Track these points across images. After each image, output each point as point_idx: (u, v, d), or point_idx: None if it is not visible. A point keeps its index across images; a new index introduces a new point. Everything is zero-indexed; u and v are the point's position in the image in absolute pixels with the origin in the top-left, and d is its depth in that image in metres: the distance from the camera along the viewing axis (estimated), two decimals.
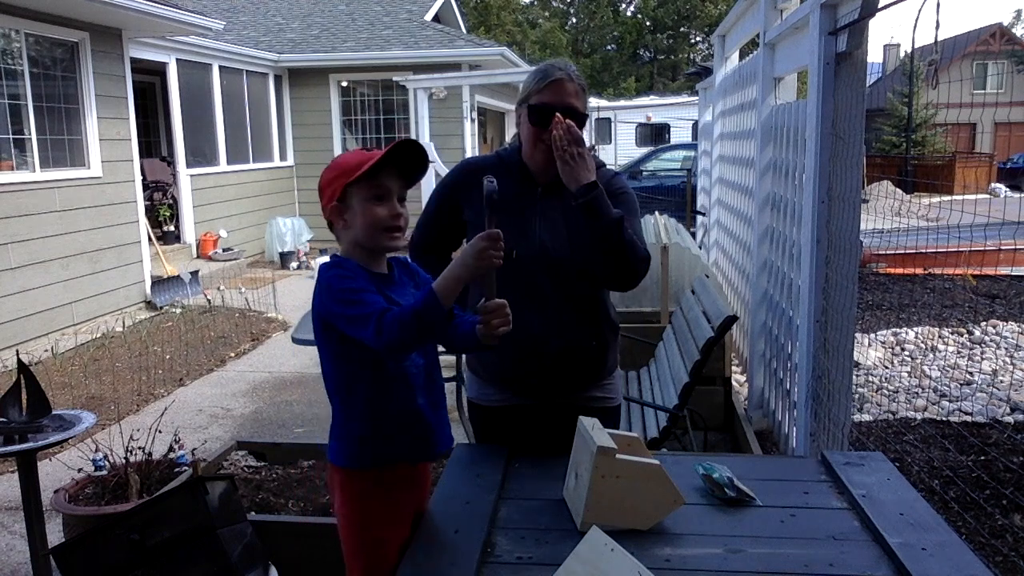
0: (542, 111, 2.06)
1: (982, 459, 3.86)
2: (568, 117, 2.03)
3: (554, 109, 2.04)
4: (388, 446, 1.79)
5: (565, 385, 2.18)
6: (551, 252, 2.10)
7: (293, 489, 3.27)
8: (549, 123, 2.04)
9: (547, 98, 2.07)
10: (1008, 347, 6.06)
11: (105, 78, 7.78)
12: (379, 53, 12.46)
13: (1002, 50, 33.98)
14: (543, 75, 2.10)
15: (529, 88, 2.12)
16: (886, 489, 1.83)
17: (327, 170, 1.80)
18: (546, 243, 2.11)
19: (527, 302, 2.04)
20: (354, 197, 1.74)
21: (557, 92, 2.07)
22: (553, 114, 2.03)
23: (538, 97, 2.09)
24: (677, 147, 16.06)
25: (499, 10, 41.32)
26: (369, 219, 1.73)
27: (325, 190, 1.79)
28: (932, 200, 14.88)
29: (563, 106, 2.06)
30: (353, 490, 1.78)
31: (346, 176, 1.73)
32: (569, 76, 2.09)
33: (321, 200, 1.80)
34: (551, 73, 2.09)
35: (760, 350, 4.53)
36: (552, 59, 2.18)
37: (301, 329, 4.42)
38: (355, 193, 1.73)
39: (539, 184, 2.15)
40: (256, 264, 11.24)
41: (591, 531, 1.51)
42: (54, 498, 3.15)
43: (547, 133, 2.05)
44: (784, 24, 3.99)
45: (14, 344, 6.36)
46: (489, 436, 2.26)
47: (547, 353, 2.11)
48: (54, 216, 7.05)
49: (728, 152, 6.41)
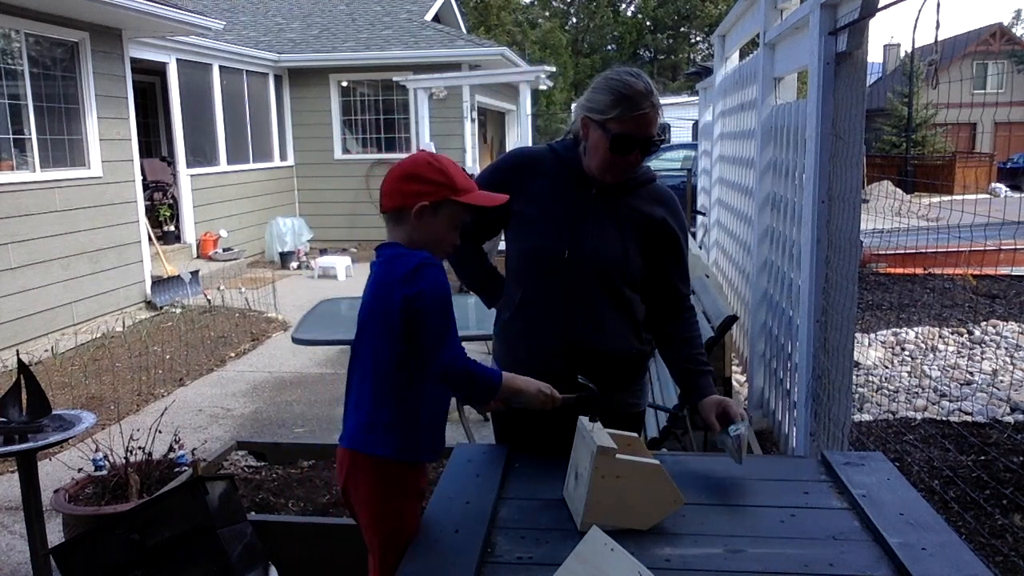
0: (624, 142, 2.00)
1: (982, 459, 3.86)
2: (648, 144, 2.01)
3: (636, 141, 2.00)
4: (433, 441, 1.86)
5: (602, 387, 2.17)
6: (602, 256, 2.07)
7: (293, 489, 3.27)
8: (629, 153, 2.01)
9: (630, 130, 1.98)
10: (1008, 347, 6.06)
11: (105, 78, 7.79)
12: (379, 53, 12.46)
13: (1002, 50, 33.97)
14: (629, 104, 1.97)
15: (608, 111, 1.99)
16: (886, 489, 1.83)
17: (427, 166, 1.77)
18: (597, 247, 2.07)
19: (574, 302, 2.05)
20: (444, 211, 1.76)
21: (641, 124, 1.99)
22: (635, 148, 2.00)
23: (620, 127, 1.98)
24: (677, 147, 16.04)
25: (499, 10, 41.30)
26: (442, 237, 1.79)
27: (418, 183, 1.76)
28: (932, 200, 14.87)
29: (645, 137, 2.01)
30: (388, 476, 1.81)
31: (453, 191, 1.76)
32: (653, 104, 1.99)
33: (401, 182, 1.77)
34: (638, 104, 1.97)
35: (760, 350, 4.53)
36: (627, 72, 2.02)
37: (301, 329, 4.42)
38: (447, 209, 1.76)
39: (594, 186, 2.10)
40: (256, 264, 11.24)
41: (591, 531, 1.51)
42: (54, 498, 3.15)
43: (625, 160, 2.02)
44: (784, 24, 3.99)
45: (14, 344, 6.36)
46: (512, 435, 2.21)
47: (589, 354, 2.08)
48: (54, 216, 7.05)
49: (728, 152, 6.41)
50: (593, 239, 2.07)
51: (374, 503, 1.81)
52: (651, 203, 2.13)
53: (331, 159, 12.97)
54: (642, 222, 2.11)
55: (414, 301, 1.69)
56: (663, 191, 2.18)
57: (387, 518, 1.81)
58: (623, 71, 2.03)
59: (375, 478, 1.80)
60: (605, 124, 2.00)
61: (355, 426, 1.82)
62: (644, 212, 2.11)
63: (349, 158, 13.04)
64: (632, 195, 2.12)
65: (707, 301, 3.93)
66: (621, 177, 2.08)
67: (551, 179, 2.13)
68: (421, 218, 1.74)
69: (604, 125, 2.00)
